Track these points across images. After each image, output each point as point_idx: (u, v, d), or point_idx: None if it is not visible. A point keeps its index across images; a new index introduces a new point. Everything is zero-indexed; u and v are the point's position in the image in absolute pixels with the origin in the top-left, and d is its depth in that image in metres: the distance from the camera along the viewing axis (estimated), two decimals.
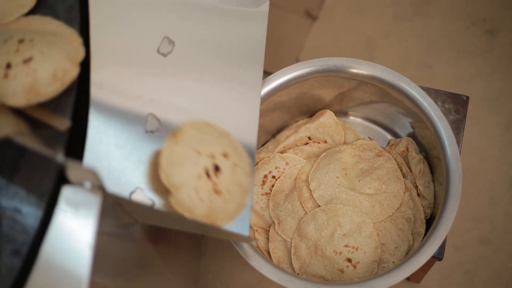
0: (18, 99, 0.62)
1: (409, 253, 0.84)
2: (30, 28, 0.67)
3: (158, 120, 0.72)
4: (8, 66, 0.62)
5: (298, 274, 0.86)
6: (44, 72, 0.63)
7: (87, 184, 0.58)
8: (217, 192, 0.70)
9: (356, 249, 0.85)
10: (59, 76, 0.64)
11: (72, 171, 0.57)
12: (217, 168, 0.71)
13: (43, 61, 0.63)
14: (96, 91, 0.68)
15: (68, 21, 0.70)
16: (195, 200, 0.69)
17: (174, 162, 0.69)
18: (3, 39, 0.64)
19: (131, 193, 0.68)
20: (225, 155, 0.72)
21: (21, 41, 0.64)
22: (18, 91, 0.62)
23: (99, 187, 0.59)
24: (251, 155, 0.77)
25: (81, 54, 0.67)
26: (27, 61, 0.63)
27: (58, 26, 0.68)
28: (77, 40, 0.67)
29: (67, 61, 0.64)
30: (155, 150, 0.71)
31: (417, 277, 1.02)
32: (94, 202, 0.59)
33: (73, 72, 0.65)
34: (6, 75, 0.62)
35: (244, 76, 0.80)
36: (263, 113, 0.88)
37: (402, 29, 1.24)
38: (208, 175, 0.70)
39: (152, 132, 0.72)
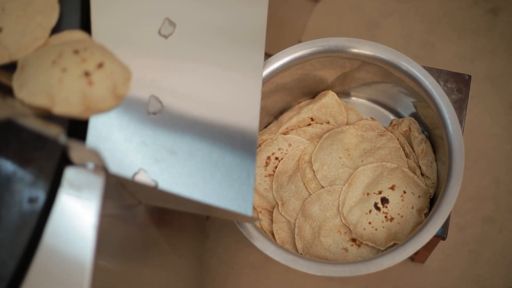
0: (107, 103, 0.63)
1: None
2: (61, 42, 0.67)
3: (160, 102, 0.72)
4: (87, 74, 0.62)
5: (301, 254, 0.86)
6: (119, 72, 0.64)
7: (90, 165, 0.58)
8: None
9: None
10: (127, 73, 0.65)
11: (75, 152, 0.57)
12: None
13: (112, 63, 0.64)
14: None
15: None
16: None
17: None
18: (55, 55, 0.63)
19: (134, 174, 0.68)
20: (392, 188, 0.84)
21: (76, 51, 0.63)
22: (105, 94, 0.62)
23: (102, 168, 0.59)
24: (254, 137, 0.77)
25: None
26: (100, 66, 0.63)
27: (81, 34, 0.68)
28: (102, 45, 0.68)
29: (119, 60, 0.66)
30: (156, 131, 0.71)
31: (422, 257, 1.03)
32: (97, 183, 0.59)
33: (129, 69, 0.66)
34: (90, 83, 0.62)
35: (246, 58, 0.80)
36: (265, 95, 0.88)
37: (404, 8, 1.24)
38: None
39: (154, 113, 0.71)
